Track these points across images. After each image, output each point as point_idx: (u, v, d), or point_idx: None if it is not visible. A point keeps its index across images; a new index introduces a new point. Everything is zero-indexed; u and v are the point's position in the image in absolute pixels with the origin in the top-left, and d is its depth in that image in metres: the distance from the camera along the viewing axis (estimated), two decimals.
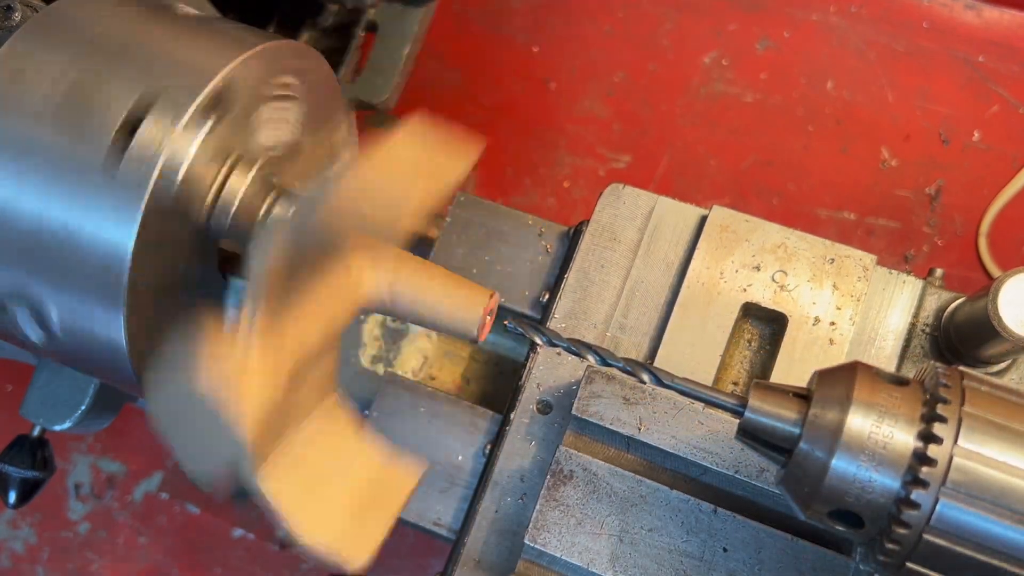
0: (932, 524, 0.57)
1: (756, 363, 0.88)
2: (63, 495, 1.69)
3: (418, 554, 1.58)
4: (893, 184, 1.54)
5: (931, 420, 0.59)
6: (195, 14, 0.73)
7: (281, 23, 1.24)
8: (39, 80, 0.64)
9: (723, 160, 1.60)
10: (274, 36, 0.71)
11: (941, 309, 0.86)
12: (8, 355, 0.98)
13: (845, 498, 0.60)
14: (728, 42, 1.64)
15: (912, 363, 0.86)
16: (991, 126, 1.54)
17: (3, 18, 0.69)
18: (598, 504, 0.80)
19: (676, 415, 0.81)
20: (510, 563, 0.84)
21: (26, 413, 0.92)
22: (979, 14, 1.60)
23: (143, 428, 1.70)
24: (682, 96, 1.63)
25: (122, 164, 0.62)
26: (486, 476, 0.87)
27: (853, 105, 1.58)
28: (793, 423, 0.63)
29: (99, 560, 1.66)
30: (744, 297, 0.86)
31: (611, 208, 0.93)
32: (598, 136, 1.64)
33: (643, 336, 0.89)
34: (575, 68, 1.67)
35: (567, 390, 0.88)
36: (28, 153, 0.63)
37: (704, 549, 0.78)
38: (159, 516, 1.66)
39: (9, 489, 0.93)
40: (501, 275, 1.01)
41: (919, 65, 1.58)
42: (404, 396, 0.98)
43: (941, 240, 1.52)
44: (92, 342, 0.67)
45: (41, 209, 0.62)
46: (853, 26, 1.61)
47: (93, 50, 0.65)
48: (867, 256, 0.87)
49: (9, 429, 0.96)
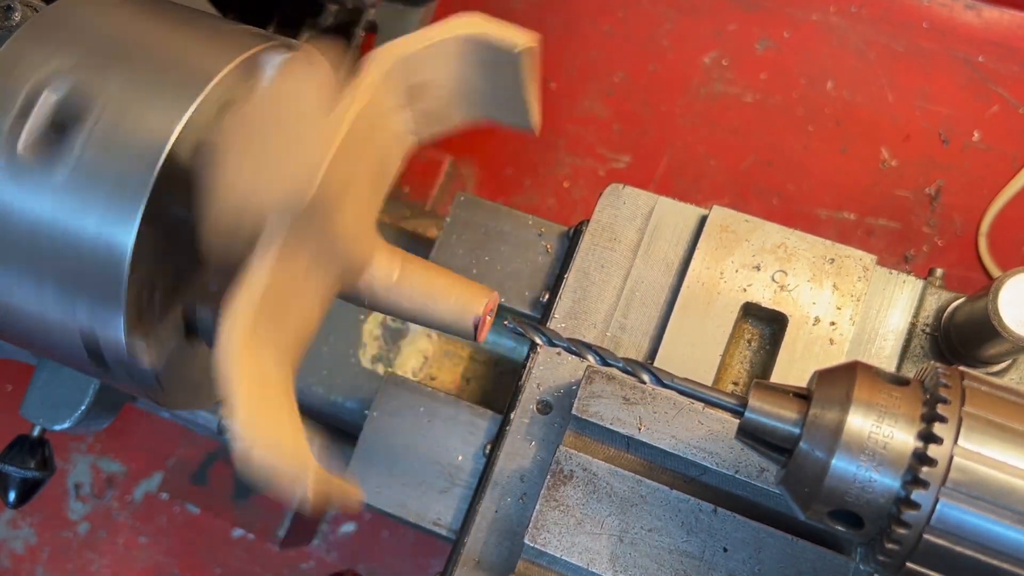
0: (932, 524, 0.57)
1: (756, 363, 0.88)
2: (63, 495, 1.69)
3: (418, 554, 1.58)
4: (893, 184, 1.54)
5: (931, 420, 0.59)
6: (195, 14, 0.73)
7: (281, 23, 1.24)
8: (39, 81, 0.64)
9: (723, 160, 1.60)
10: (274, 36, 0.71)
11: (941, 309, 0.86)
12: (8, 355, 0.98)
13: (845, 498, 0.60)
14: (728, 42, 1.64)
15: (912, 363, 0.86)
16: (991, 126, 1.54)
17: (3, 18, 0.69)
18: (598, 504, 0.80)
19: (676, 415, 0.81)
20: (510, 563, 0.84)
21: (26, 413, 0.92)
22: (979, 14, 1.60)
23: (143, 428, 1.70)
24: (682, 96, 1.63)
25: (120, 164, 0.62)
26: (486, 476, 0.87)
27: (853, 105, 1.58)
28: (793, 423, 0.63)
29: (99, 560, 1.66)
30: (744, 297, 0.86)
31: (611, 208, 0.93)
32: (598, 136, 1.64)
33: (643, 336, 0.89)
34: (575, 68, 1.67)
35: (567, 390, 0.88)
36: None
37: (704, 549, 0.78)
38: (159, 516, 1.67)
39: (9, 489, 0.93)
40: (501, 275, 1.01)
41: (919, 65, 1.58)
42: (404, 396, 0.98)
43: (941, 240, 1.52)
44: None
45: (40, 210, 0.62)
46: (853, 26, 1.61)
47: (93, 51, 0.65)
48: (867, 256, 0.87)
49: (9, 429, 0.96)
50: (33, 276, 0.64)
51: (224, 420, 0.53)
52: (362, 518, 1.61)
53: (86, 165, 0.62)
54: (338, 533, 1.61)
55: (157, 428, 1.69)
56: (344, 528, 1.61)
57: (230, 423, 0.53)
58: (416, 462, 0.95)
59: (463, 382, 1.13)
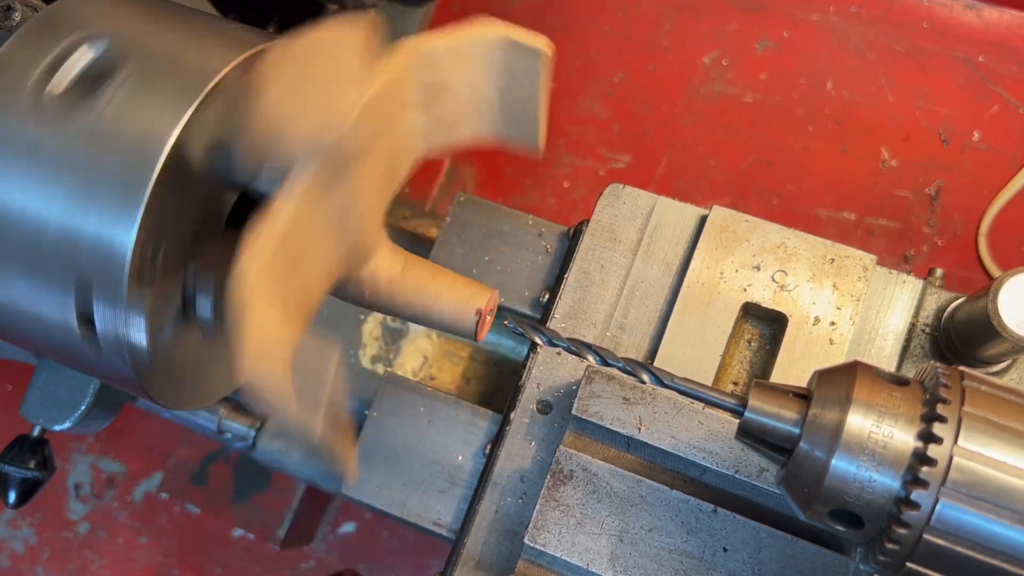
0: (932, 524, 0.57)
1: (756, 363, 0.88)
2: (63, 495, 1.69)
3: (418, 554, 1.58)
4: (893, 184, 1.54)
5: (931, 420, 0.59)
6: (195, 14, 0.73)
7: (281, 23, 1.24)
8: (39, 81, 0.64)
9: (723, 160, 1.60)
10: (274, 36, 0.71)
11: (941, 309, 0.86)
12: (8, 355, 0.98)
13: (845, 498, 0.60)
14: (728, 42, 1.64)
15: (912, 363, 0.86)
16: (991, 126, 1.54)
17: (3, 18, 0.69)
18: (598, 504, 0.80)
19: (676, 415, 0.81)
20: (510, 563, 0.84)
21: (26, 413, 0.92)
22: (979, 14, 1.60)
23: (143, 428, 1.71)
24: (682, 96, 1.63)
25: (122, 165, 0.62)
26: (486, 476, 0.87)
27: (853, 105, 1.58)
28: (793, 423, 0.63)
29: (99, 560, 1.66)
30: (744, 297, 0.86)
31: (611, 208, 0.93)
32: (598, 136, 1.64)
33: (643, 336, 0.89)
34: (575, 68, 1.67)
35: (567, 390, 0.88)
36: (28, 154, 0.63)
37: (704, 549, 0.78)
38: (159, 516, 1.67)
39: (9, 489, 0.93)
40: (501, 275, 1.01)
41: (919, 65, 1.58)
42: (404, 396, 0.98)
43: (941, 240, 1.52)
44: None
45: (41, 208, 0.62)
46: (853, 26, 1.61)
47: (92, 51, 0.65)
48: (867, 256, 0.87)
49: (9, 429, 0.96)
50: (41, 200, 0.63)
51: (235, 352, 0.52)
52: (362, 518, 1.61)
53: (104, 130, 0.62)
54: (338, 533, 1.61)
55: (157, 428, 1.69)
56: (344, 528, 1.62)
57: (238, 350, 0.52)
58: (416, 462, 0.96)
59: (463, 382, 1.13)
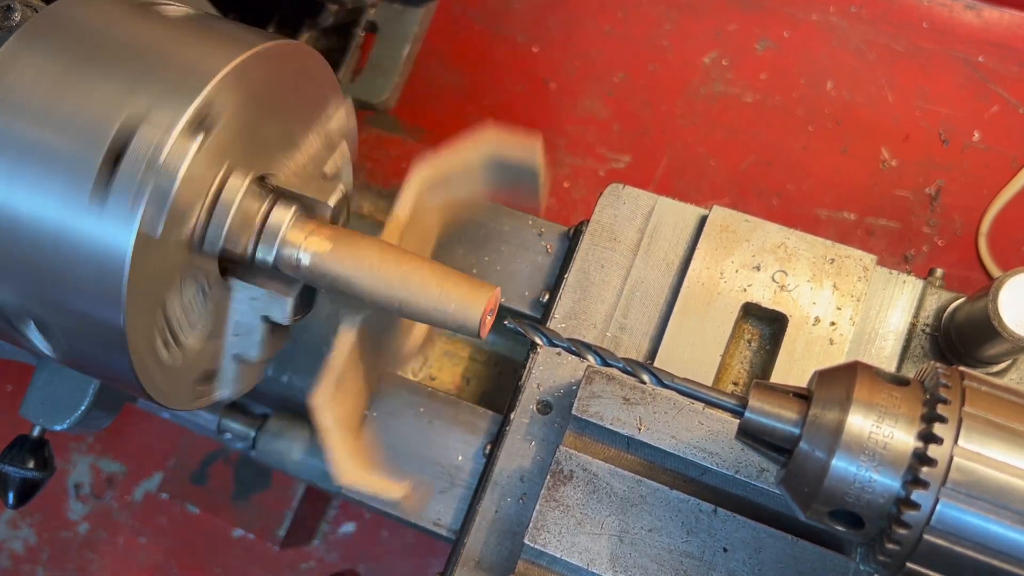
0: (932, 524, 0.57)
1: (756, 363, 0.88)
2: (63, 495, 1.69)
3: (418, 554, 1.58)
4: (893, 184, 1.54)
5: (931, 420, 0.59)
6: (195, 14, 0.73)
7: (281, 23, 1.24)
8: (39, 82, 0.63)
9: (723, 160, 1.60)
10: (274, 36, 0.71)
11: (941, 309, 0.86)
12: (8, 355, 0.98)
13: (845, 498, 0.60)
14: (728, 42, 1.64)
15: (912, 363, 0.86)
16: (991, 126, 1.54)
17: (3, 18, 0.69)
18: (598, 504, 0.80)
19: (676, 415, 0.81)
20: (510, 563, 0.84)
21: (26, 413, 0.92)
22: (979, 14, 1.60)
23: (143, 428, 1.71)
24: (682, 96, 1.63)
25: (116, 178, 0.61)
26: (486, 476, 0.87)
27: (853, 105, 1.58)
28: (793, 423, 0.63)
29: (99, 560, 1.66)
30: (744, 297, 0.86)
31: (611, 208, 0.93)
32: (598, 136, 1.64)
33: (643, 336, 0.89)
34: (575, 68, 1.67)
35: (567, 390, 0.88)
36: (26, 157, 0.62)
37: (704, 549, 0.78)
38: (159, 516, 1.67)
39: (9, 489, 0.93)
40: (501, 275, 1.01)
41: (919, 65, 1.58)
42: (404, 396, 0.98)
43: (941, 240, 1.52)
44: (95, 353, 0.67)
45: (37, 214, 0.62)
46: (853, 26, 1.61)
47: (92, 52, 0.65)
48: (867, 256, 0.87)
49: (9, 429, 0.96)
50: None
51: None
52: (362, 518, 1.61)
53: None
54: (338, 533, 1.61)
55: (157, 428, 1.69)
56: (344, 528, 1.62)
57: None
58: (416, 462, 0.95)
59: (463, 382, 1.13)
